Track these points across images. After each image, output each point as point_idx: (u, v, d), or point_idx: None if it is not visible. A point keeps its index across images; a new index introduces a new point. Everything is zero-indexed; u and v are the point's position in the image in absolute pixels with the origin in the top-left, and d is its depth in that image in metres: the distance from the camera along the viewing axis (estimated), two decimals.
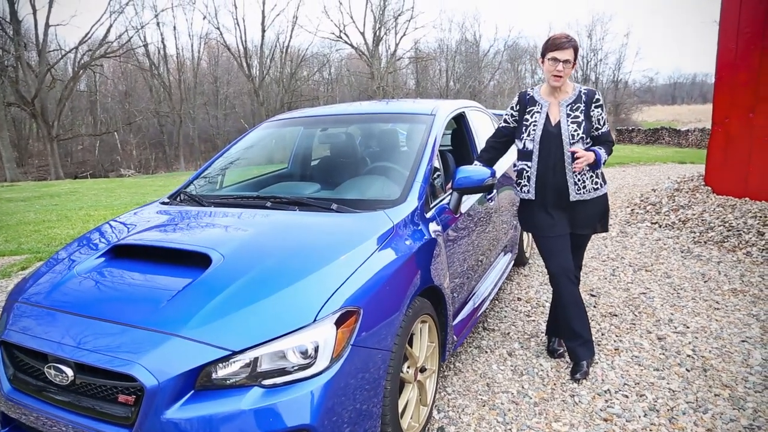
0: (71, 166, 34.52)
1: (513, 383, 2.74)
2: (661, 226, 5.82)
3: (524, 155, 2.74)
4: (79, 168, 34.03)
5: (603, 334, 3.27)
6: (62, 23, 49.42)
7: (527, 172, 2.73)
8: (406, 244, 2.17)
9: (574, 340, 2.78)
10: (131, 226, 2.49)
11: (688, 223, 5.64)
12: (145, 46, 34.61)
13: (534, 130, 2.68)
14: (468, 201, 2.94)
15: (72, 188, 13.70)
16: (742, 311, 3.55)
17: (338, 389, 1.67)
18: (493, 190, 3.38)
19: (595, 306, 3.74)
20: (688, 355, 2.96)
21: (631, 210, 6.58)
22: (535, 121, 2.69)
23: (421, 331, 2.25)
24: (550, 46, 2.58)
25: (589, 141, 2.66)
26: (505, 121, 2.85)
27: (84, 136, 35.69)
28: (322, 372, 1.64)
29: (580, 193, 2.67)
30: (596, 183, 2.70)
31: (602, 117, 2.67)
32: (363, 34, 36.74)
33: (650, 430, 2.31)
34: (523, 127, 2.73)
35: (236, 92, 41.57)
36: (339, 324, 1.70)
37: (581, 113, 2.63)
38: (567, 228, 2.75)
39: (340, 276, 1.84)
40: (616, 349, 3.07)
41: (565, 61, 2.55)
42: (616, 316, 3.56)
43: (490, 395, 2.63)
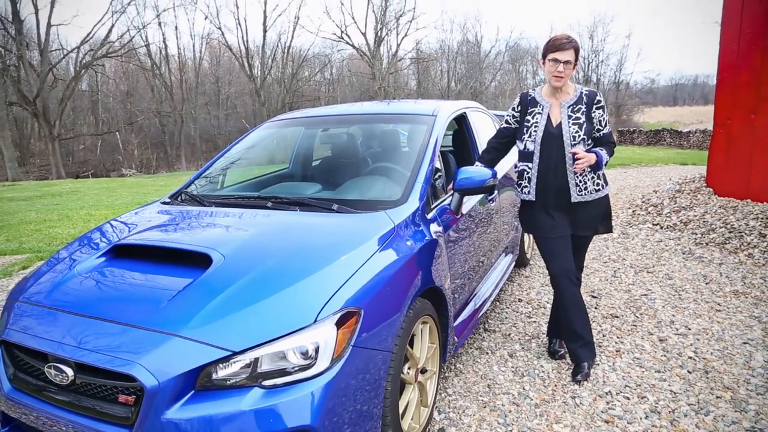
0: (73, 165, 34.59)
1: (514, 384, 2.73)
2: (662, 228, 5.81)
3: (525, 156, 2.73)
4: (81, 167, 34.09)
5: (604, 336, 3.26)
6: (64, 23, 49.63)
7: (528, 173, 2.73)
8: (407, 244, 2.17)
9: (576, 341, 2.78)
10: (132, 226, 2.49)
11: (689, 224, 5.63)
12: (147, 46, 34.68)
13: (535, 131, 2.68)
14: (469, 202, 2.93)
15: (73, 188, 13.72)
16: (743, 313, 3.54)
17: (339, 390, 1.66)
18: (495, 191, 3.38)
19: (596, 307, 3.73)
20: (690, 357, 2.95)
21: (633, 211, 6.58)
22: (536, 122, 2.68)
23: (422, 332, 2.25)
24: (551, 47, 2.58)
25: (590, 142, 2.65)
26: (507, 122, 2.84)
27: (85, 135, 35.75)
28: (322, 373, 1.64)
29: (581, 195, 2.67)
30: (598, 184, 2.69)
31: (603, 118, 2.67)
32: (364, 35, 36.78)
33: None
34: (524, 128, 2.72)
35: (238, 92, 41.62)
36: (340, 325, 1.70)
37: (582, 114, 2.63)
38: (568, 229, 2.75)
39: (341, 276, 1.84)
40: (617, 351, 3.06)
41: (566, 62, 2.55)
42: (618, 317, 3.55)
43: (491, 396, 2.63)
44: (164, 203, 2.86)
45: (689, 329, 3.31)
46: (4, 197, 11.44)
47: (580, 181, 2.65)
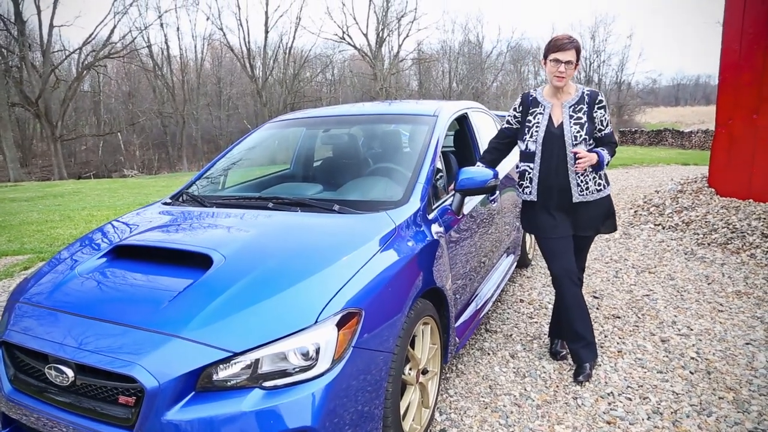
0: (75, 166, 34.63)
1: (515, 385, 2.73)
2: (664, 228, 5.80)
3: (526, 156, 2.73)
4: (83, 168, 34.14)
5: (606, 336, 3.25)
6: (66, 24, 49.92)
7: (529, 173, 2.72)
8: (409, 245, 2.16)
9: (577, 342, 2.77)
10: (133, 227, 2.49)
11: (691, 224, 5.62)
12: (149, 46, 34.71)
13: (536, 131, 2.67)
14: (470, 202, 2.92)
15: (75, 188, 13.75)
16: (746, 313, 3.53)
17: (339, 391, 1.66)
18: (496, 192, 3.38)
19: (598, 308, 3.72)
20: (692, 358, 2.94)
21: (635, 212, 6.56)
22: (537, 122, 2.68)
23: (423, 333, 2.24)
24: (552, 47, 2.57)
25: (591, 142, 2.65)
26: (508, 122, 2.84)
27: (87, 136, 35.81)
28: (323, 374, 1.63)
29: (583, 195, 2.66)
30: (599, 184, 2.69)
31: (605, 118, 2.66)
32: (366, 36, 36.78)
33: None
34: (526, 129, 2.72)
35: (239, 93, 41.65)
36: (340, 325, 1.70)
37: (584, 114, 2.62)
38: (570, 229, 2.74)
39: (342, 277, 1.84)
40: (619, 352, 3.05)
41: (567, 62, 2.54)
42: (619, 318, 3.54)
43: (493, 397, 2.62)
44: (165, 204, 2.86)
45: (691, 330, 3.30)
46: (6, 198, 11.47)
47: (582, 181, 2.64)
